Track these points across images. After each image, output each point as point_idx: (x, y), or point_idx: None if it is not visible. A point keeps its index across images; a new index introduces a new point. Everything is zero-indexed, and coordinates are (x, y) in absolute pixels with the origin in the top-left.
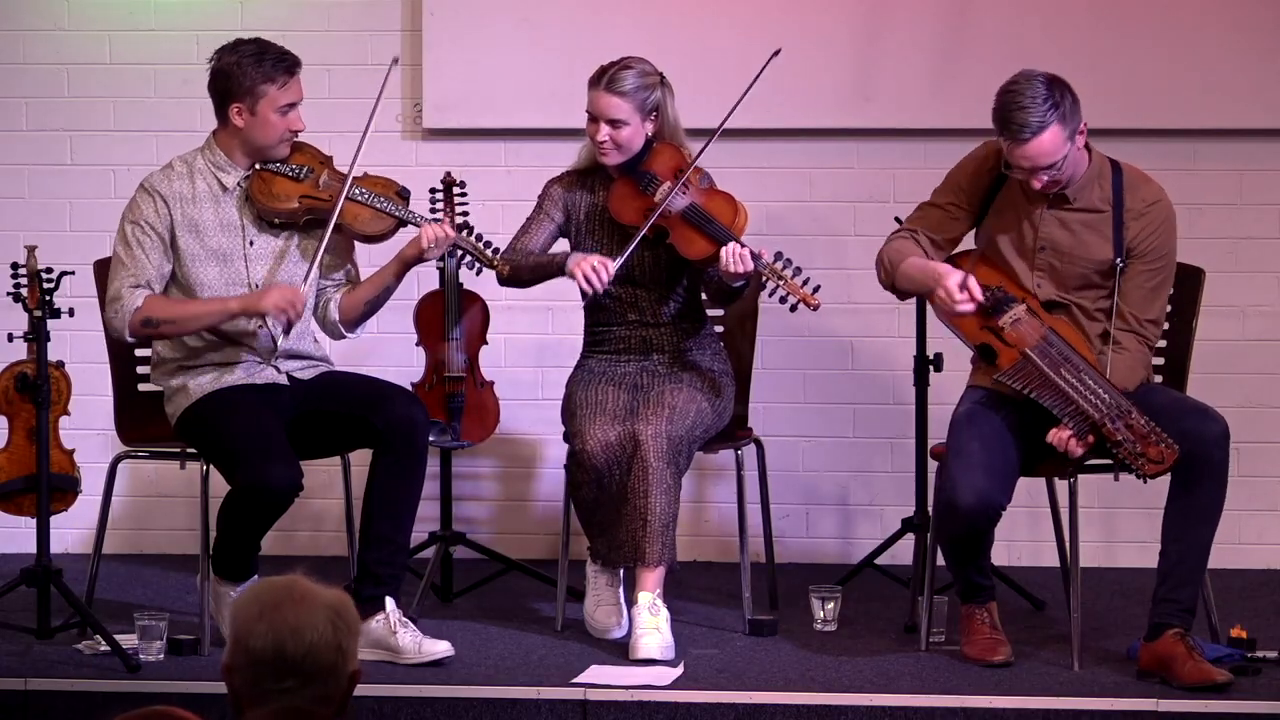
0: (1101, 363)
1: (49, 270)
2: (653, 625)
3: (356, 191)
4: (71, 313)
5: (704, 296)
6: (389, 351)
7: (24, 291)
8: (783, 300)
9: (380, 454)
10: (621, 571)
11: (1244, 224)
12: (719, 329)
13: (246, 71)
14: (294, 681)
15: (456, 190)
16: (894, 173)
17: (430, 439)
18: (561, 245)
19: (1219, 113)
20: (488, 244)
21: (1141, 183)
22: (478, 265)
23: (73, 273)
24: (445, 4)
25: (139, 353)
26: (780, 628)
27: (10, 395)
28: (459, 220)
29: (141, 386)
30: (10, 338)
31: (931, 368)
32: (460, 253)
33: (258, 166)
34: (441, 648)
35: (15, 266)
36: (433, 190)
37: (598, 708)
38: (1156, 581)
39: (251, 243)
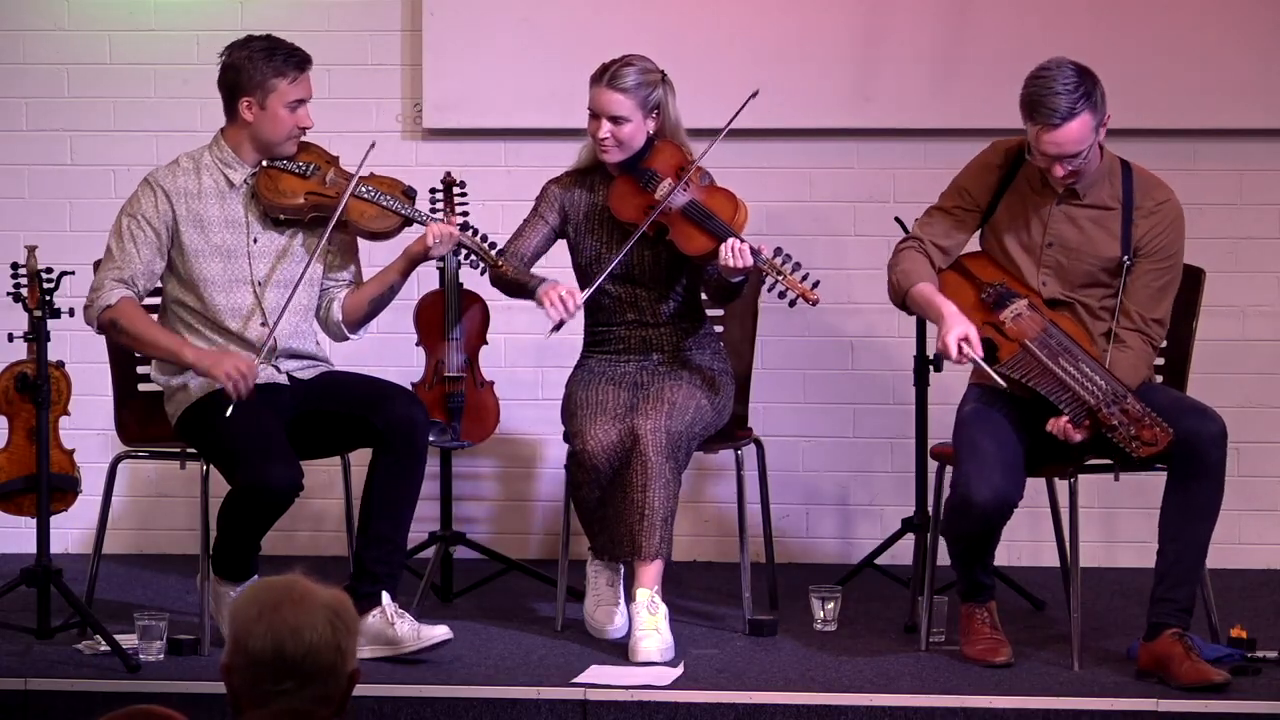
0: (1105, 358)
1: (49, 270)
2: (652, 625)
3: (363, 189)
4: (71, 313)
5: (703, 296)
6: (389, 351)
7: (24, 291)
8: (781, 295)
9: (380, 454)
10: (622, 571)
11: (1244, 224)
12: (718, 329)
13: (258, 66)
14: (293, 682)
15: (456, 190)
16: (894, 173)
17: (430, 439)
18: (557, 248)
19: (1219, 113)
20: (492, 245)
21: (1152, 182)
22: (481, 264)
23: (73, 273)
24: (445, 4)
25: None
26: (780, 628)
27: (10, 395)
28: (459, 220)
29: (141, 386)
30: (10, 338)
31: (931, 368)
32: (464, 251)
33: (265, 163)
34: (440, 631)
35: (15, 266)
36: (433, 190)
37: (598, 708)
38: (1154, 581)
39: (255, 239)
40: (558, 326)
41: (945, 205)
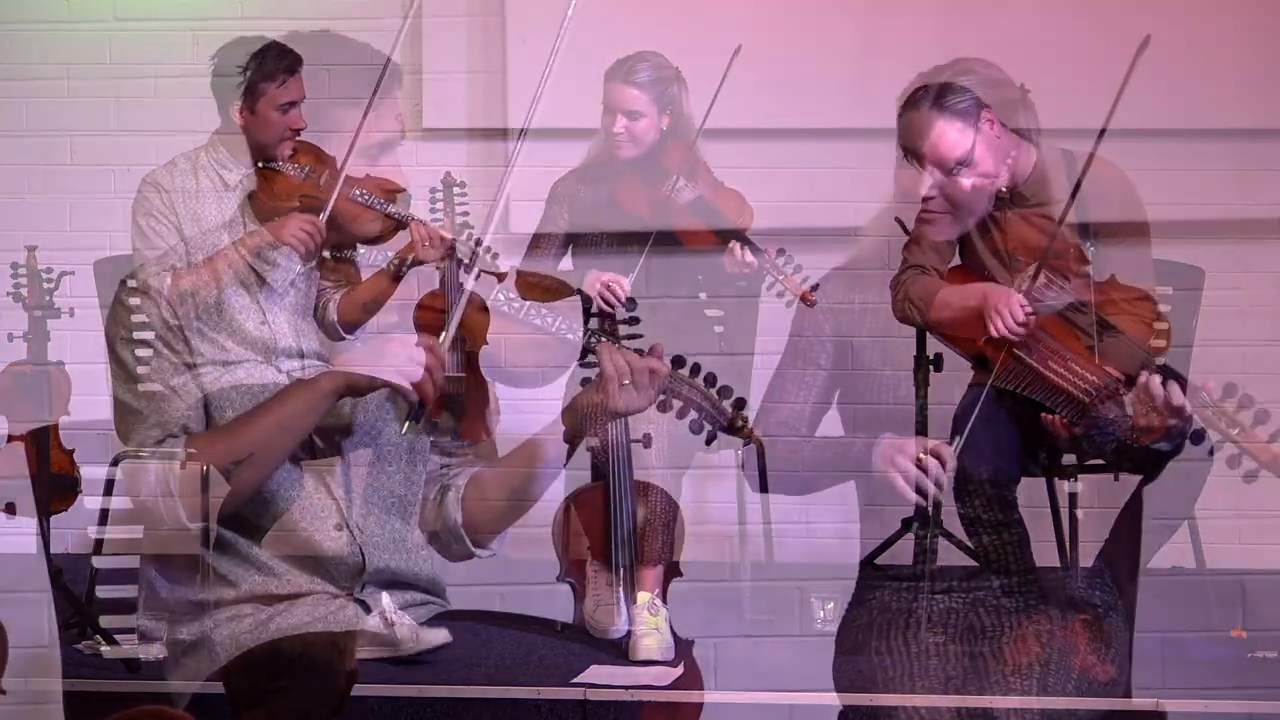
0: (1103, 351)
1: (49, 270)
2: (653, 625)
3: (355, 192)
4: (71, 313)
5: (703, 296)
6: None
7: (24, 291)
8: (780, 295)
9: (380, 454)
10: (622, 571)
11: (1244, 224)
12: (718, 330)
13: (247, 70)
14: (289, 679)
15: (456, 190)
16: (894, 173)
17: (430, 438)
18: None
19: (1219, 113)
20: (487, 249)
21: (1086, 159)
22: (478, 270)
23: (73, 273)
24: (445, 4)
25: (139, 353)
26: (780, 628)
27: (10, 395)
28: (459, 221)
29: (141, 387)
30: (10, 338)
31: (931, 368)
32: (461, 259)
33: (260, 165)
34: (440, 636)
35: (15, 266)
36: (433, 190)
37: (598, 708)
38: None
39: None
40: (610, 318)
41: (924, 231)
